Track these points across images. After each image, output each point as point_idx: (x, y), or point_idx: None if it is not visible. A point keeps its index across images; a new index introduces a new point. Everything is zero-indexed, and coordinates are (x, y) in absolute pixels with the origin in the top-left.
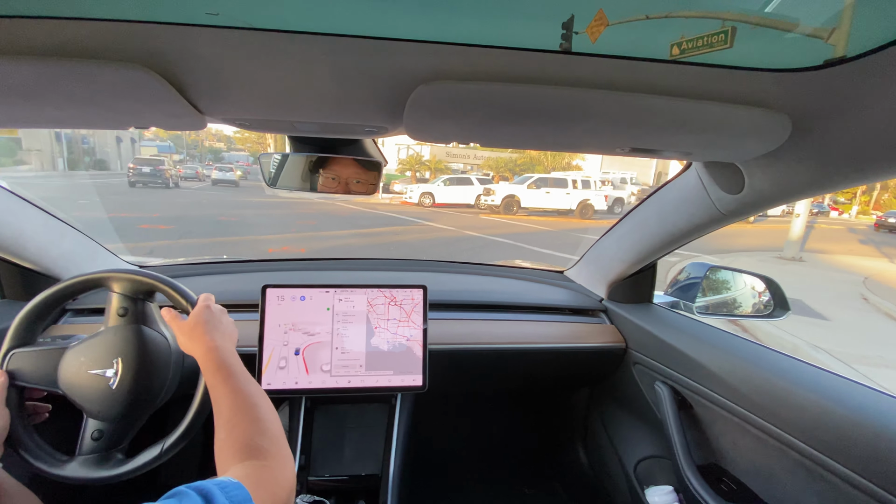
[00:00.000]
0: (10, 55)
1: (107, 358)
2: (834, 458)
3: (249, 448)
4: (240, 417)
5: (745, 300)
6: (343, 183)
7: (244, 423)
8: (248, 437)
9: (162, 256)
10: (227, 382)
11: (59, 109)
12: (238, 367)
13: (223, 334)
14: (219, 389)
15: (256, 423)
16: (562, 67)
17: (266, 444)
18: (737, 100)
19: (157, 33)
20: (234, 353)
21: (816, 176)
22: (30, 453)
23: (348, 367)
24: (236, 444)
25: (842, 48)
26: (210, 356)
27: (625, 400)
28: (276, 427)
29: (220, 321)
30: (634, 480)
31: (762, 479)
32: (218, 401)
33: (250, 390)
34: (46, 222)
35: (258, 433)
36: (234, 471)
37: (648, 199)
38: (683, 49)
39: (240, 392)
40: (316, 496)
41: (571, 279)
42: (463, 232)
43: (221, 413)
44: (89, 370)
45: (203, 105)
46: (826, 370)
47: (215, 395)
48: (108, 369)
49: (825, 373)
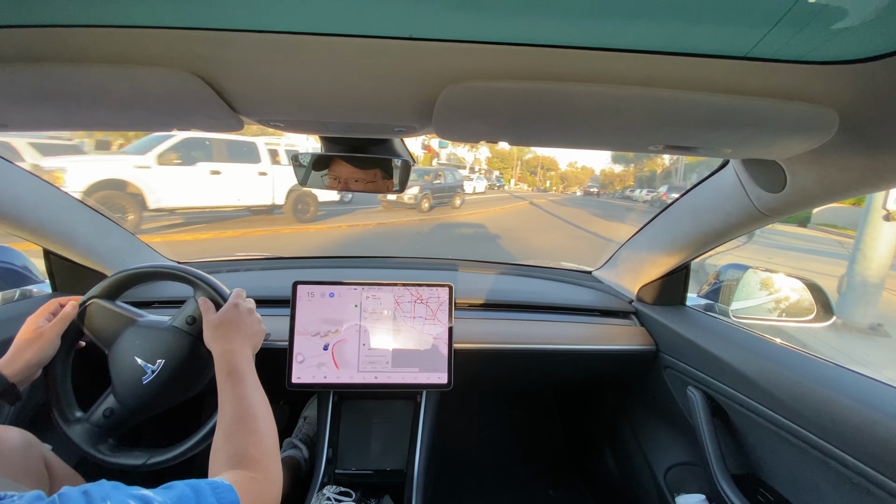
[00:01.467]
0: (68, 62)
1: (154, 353)
2: (881, 471)
3: (242, 458)
4: (239, 425)
5: (785, 304)
6: (372, 181)
7: (242, 432)
8: (243, 447)
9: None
10: (235, 388)
11: (110, 113)
12: (248, 374)
13: (244, 336)
14: (226, 393)
15: (253, 435)
16: (594, 64)
17: (259, 457)
18: (779, 94)
19: (200, 39)
20: (248, 359)
21: (866, 173)
22: (54, 396)
23: (375, 364)
24: (231, 450)
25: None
26: (225, 358)
27: (655, 404)
28: (271, 441)
29: (243, 322)
30: (664, 487)
31: (803, 491)
32: (223, 403)
33: (255, 400)
34: (95, 220)
35: (253, 444)
36: (224, 476)
37: (682, 198)
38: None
39: (244, 400)
40: (342, 487)
41: (600, 279)
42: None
43: (224, 416)
44: (135, 356)
45: (240, 107)
46: (872, 378)
47: (222, 398)
48: (149, 364)
49: (871, 381)
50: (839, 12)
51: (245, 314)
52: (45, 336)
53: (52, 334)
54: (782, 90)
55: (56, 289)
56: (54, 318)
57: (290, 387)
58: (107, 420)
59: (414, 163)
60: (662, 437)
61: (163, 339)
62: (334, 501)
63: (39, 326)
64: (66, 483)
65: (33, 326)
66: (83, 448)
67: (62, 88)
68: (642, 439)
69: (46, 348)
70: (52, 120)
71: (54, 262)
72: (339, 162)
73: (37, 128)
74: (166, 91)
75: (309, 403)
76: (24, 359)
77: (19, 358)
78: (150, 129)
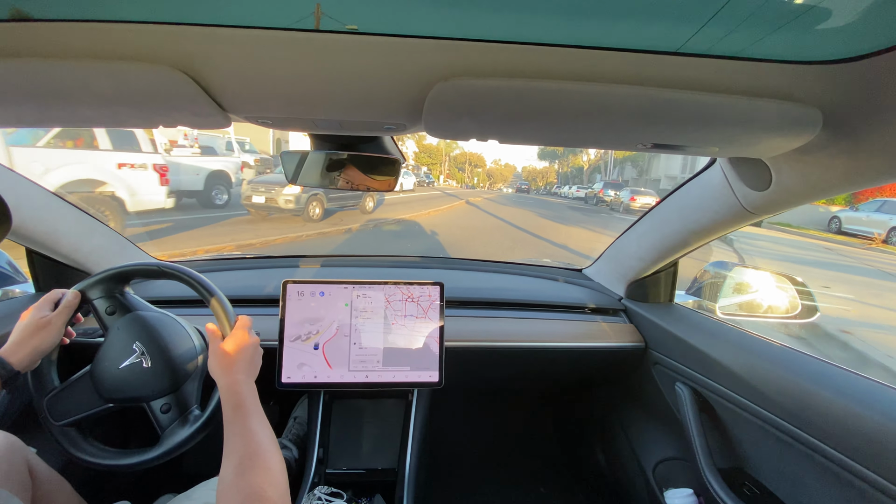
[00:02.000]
0: (49, 57)
1: (127, 349)
2: (863, 464)
3: (259, 497)
4: (252, 462)
5: (771, 301)
6: (362, 179)
7: (256, 470)
8: (259, 486)
9: None
10: (245, 422)
11: (92, 109)
12: (256, 408)
13: (249, 367)
14: (234, 426)
15: (268, 473)
16: (583, 62)
17: (276, 497)
18: (764, 93)
19: (186, 35)
20: (254, 392)
21: (849, 172)
22: (42, 390)
23: (366, 362)
24: (247, 489)
25: (877, 39)
26: (232, 389)
27: (644, 400)
28: (284, 479)
29: (251, 355)
30: (653, 482)
31: (788, 484)
32: (231, 438)
33: (265, 436)
34: (79, 219)
35: (269, 483)
36: None
37: (670, 197)
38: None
39: (255, 435)
40: (333, 488)
41: (590, 277)
42: None
43: (233, 451)
44: (119, 366)
45: (227, 104)
46: (855, 373)
47: (229, 431)
48: (132, 356)
49: (854, 375)
50: (823, 13)
51: (253, 346)
52: (53, 324)
53: (60, 322)
54: (768, 89)
55: (40, 289)
56: (58, 307)
57: (280, 386)
58: (169, 413)
59: (404, 161)
60: (651, 432)
61: (119, 338)
62: (325, 502)
63: (44, 315)
64: (49, 487)
65: (39, 315)
66: (70, 451)
67: (43, 84)
68: (631, 435)
69: (53, 336)
70: (31, 116)
71: (38, 262)
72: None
73: (16, 124)
74: (151, 87)
75: (299, 404)
76: (31, 346)
77: (25, 345)
78: (134, 126)
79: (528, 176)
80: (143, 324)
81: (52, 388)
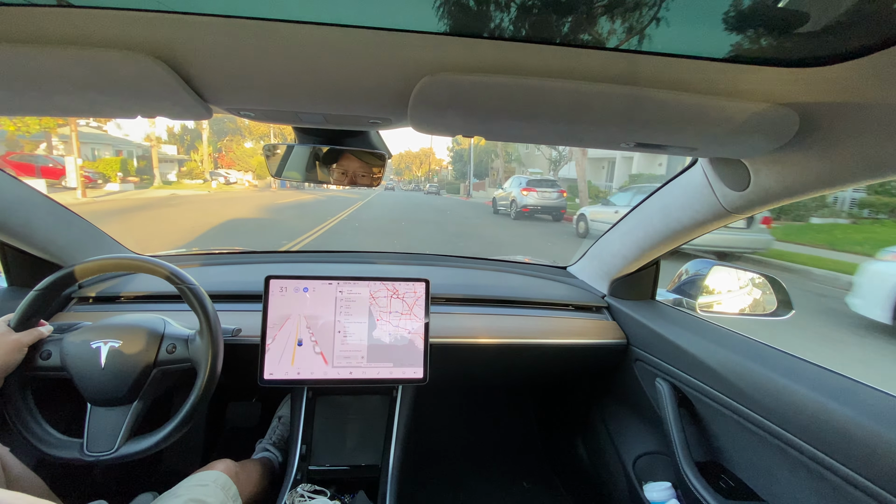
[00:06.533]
0: (20, 43)
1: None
2: (834, 457)
3: None
4: None
5: (748, 299)
6: (347, 174)
7: None
8: None
9: None
10: None
11: (67, 97)
12: None
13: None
14: None
15: None
16: (567, 60)
17: None
18: (743, 95)
19: (164, 23)
20: None
21: (824, 173)
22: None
23: (350, 359)
24: None
25: (852, 44)
26: None
27: (625, 396)
28: None
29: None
30: (633, 476)
31: (761, 476)
32: None
33: None
34: (54, 211)
35: None
36: None
37: (652, 196)
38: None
39: None
40: (316, 486)
41: (574, 275)
42: None
43: None
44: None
45: (209, 95)
46: (828, 369)
47: None
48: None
49: (827, 371)
50: (801, 17)
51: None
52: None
53: (23, 343)
54: (747, 91)
55: (12, 283)
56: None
57: (262, 383)
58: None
59: (390, 156)
60: (632, 427)
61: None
62: (308, 499)
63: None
64: (23, 485)
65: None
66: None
67: (15, 70)
68: (613, 430)
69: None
70: (3, 104)
71: (10, 256)
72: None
73: None
74: (128, 76)
75: (283, 403)
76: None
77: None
78: (111, 116)
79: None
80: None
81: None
